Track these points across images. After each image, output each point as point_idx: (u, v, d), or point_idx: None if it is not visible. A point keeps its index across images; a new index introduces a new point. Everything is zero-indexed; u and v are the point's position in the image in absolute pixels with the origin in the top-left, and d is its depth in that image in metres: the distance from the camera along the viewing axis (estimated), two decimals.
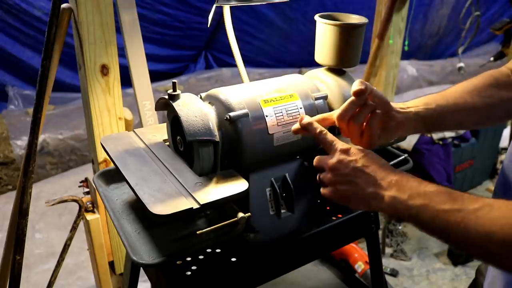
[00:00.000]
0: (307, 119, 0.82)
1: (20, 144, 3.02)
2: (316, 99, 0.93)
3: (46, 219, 2.58)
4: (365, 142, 0.82)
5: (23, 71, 3.32)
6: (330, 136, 0.78)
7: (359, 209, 0.76)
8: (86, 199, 1.48)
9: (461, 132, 2.77)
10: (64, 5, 1.21)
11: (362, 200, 0.73)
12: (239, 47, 1.22)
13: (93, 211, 1.48)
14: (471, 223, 0.60)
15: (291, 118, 0.89)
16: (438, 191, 0.65)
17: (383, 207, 0.70)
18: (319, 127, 0.80)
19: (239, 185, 0.81)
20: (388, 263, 2.43)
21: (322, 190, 0.79)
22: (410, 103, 0.87)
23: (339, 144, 0.76)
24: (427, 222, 0.65)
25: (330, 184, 0.76)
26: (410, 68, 4.71)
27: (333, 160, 0.75)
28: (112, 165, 1.00)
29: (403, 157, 1.07)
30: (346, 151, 0.75)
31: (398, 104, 0.86)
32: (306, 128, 0.81)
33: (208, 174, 0.85)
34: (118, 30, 1.31)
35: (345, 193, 0.74)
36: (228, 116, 0.83)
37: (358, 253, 1.96)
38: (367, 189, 0.71)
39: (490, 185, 3.14)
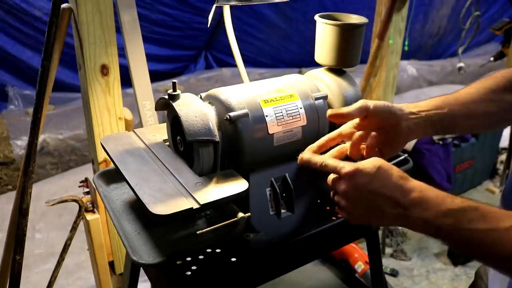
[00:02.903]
0: (307, 155, 0.83)
1: (20, 144, 3.02)
2: (316, 99, 0.93)
3: (46, 219, 2.58)
4: None
5: (23, 71, 3.33)
6: (332, 162, 0.77)
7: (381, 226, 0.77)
8: (86, 199, 1.48)
9: None
10: (64, 5, 1.21)
11: (384, 220, 0.72)
12: (239, 47, 1.21)
13: (93, 211, 1.48)
14: (507, 244, 0.60)
15: (291, 118, 0.89)
16: (462, 209, 0.64)
17: (409, 226, 0.69)
18: (317, 161, 0.79)
19: (239, 185, 0.81)
20: (388, 263, 2.42)
21: (340, 212, 0.79)
22: (422, 104, 0.85)
23: (345, 168, 0.73)
24: (460, 242, 0.65)
25: (347, 210, 0.76)
26: (410, 68, 4.71)
27: (343, 186, 0.73)
28: (112, 165, 1.00)
29: (403, 157, 1.07)
30: (353, 175, 0.72)
31: (409, 106, 0.84)
32: (306, 166, 0.82)
33: (208, 174, 0.85)
34: (118, 30, 1.31)
35: (365, 217, 0.74)
36: (228, 116, 0.83)
37: (358, 253, 1.96)
38: (388, 209, 0.69)
39: (490, 185, 3.14)
